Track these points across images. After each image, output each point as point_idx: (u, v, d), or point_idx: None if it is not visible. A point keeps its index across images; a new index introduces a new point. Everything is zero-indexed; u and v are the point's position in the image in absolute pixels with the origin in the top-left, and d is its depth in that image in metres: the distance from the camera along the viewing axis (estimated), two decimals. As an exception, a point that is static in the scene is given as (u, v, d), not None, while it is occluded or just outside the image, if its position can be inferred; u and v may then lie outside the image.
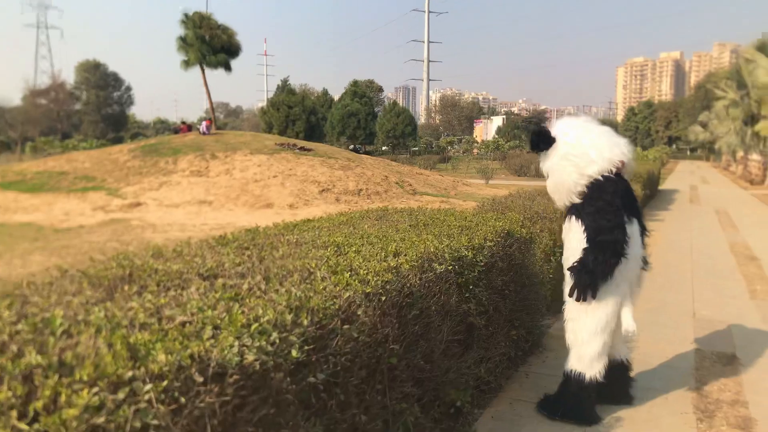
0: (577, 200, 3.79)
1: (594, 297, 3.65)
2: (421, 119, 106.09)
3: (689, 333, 5.75)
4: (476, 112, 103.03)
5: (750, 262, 9.45)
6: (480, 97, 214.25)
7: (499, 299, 4.16)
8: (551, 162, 3.90)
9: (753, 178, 30.22)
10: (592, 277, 3.61)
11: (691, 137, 67.35)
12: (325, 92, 77.25)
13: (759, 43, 25.61)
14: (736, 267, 9.11)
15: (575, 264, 3.71)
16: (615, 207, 3.65)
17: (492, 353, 4.14)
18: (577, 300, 3.70)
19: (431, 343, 3.14)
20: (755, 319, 6.28)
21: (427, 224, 4.24)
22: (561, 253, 6.35)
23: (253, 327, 1.95)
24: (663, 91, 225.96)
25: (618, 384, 4.05)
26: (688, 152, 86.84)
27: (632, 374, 4.18)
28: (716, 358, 5.03)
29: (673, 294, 7.19)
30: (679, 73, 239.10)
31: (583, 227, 3.70)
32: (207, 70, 34.80)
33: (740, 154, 35.85)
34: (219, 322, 1.97)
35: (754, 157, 29.82)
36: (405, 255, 3.05)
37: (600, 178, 3.73)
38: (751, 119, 25.79)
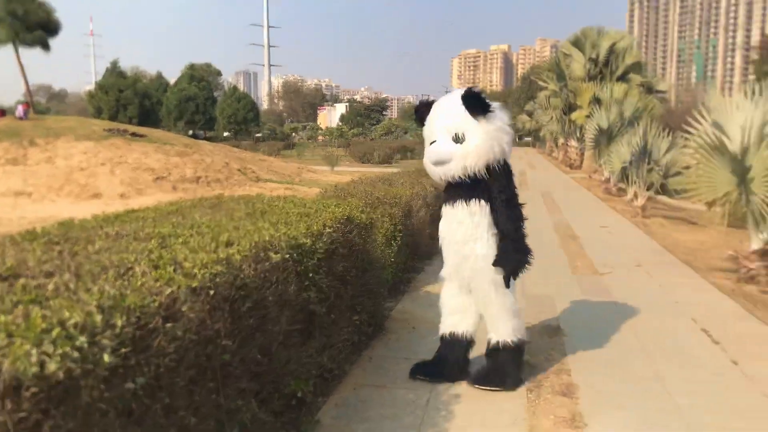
0: (484, 176, 3.86)
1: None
2: (264, 105, 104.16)
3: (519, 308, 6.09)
4: (319, 98, 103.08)
5: (571, 241, 10.28)
6: (323, 84, 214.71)
7: (341, 285, 4.11)
8: (483, 129, 3.80)
9: (572, 163, 33.02)
10: (525, 255, 3.93)
11: (520, 125, 72.23)
12: (159, 75, 73.23)
13: (575, 38, 27.92)
14: (559, 245, 9.85)
15: (508, 245, 3.88)
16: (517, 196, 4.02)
17: (335, 340, 4.09)
18: (515, 278, 4.02)
19: (269, 335, 3.01)
20: (576, 293, 6.80)
21: (264, 212, 4.08)
22: (401, 237, 6.50)
23: (55, 332, 1.71)
24: (494, 81, 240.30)
25: (462, 360, 4.20)
26: (518, 139, 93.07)
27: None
28: (543, 331, 5.37)
29: (505, 272, 7.61)
30: (508, 64, 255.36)
31: (493, 212, 3.89)
32: (22, 49, 31.59)
33: (561, 140, 39.03)
34: (14, 328, 1.71)
35: (573, 143, 32.61)
36: (238, 245, 2.89)
37: (509, 163, 4.01)
38: (569, 108, 28.10)
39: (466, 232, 3.92)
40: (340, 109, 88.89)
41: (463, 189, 3.91)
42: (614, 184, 18.14)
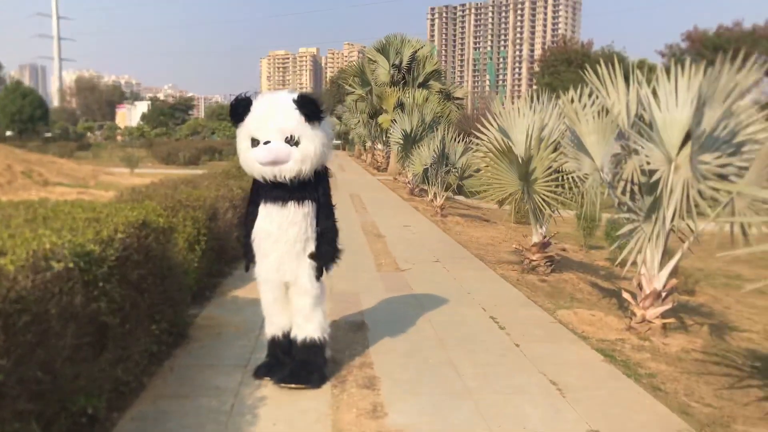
0: (311, 179, 4.05)
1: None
2: (55, 102, 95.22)
3: (327, 306, 6.22)
4: (118, 96, 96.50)
5: (377, 240, 10.69)
6: (122, 81, 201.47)
7: (137, 294, 3.91)
8: (317, 134, 3.97)
9: (379, 166, 34.33)
10: (338, 251, 4.25)
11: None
12: None
13: (379, 45, 29.03)
14: (366, 244, 10.21)
15: (328, 241, 4.16)
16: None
17: (131, 351, 3.88)
18: (327, 272, 4.22)
19: (52, 350, 2.78)
20: (380, 289, 7.10)
21: (47, 218, 3.75)
22: (206, 242, 6.32)
23: None
24: (304, 83, 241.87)
25: (284, 359, 4.29)
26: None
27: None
28: (348, 327, 5.54)
29: (313, 272, 7.71)
30: (317, 67, 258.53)
31: (316, 212, 4.12)
32: None
33: (369, 144, 40.37)
34: None
35: (379, 146, 33.91)
36: (12, 254, 2.63)
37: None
38: (375, 113, 29.13)
39: (299, 231, 4.05)
40: (142, 107, 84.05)
41: (293, 190, 4.01)
42: (416, 186, 19.17)
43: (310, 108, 3.93)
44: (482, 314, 6.16)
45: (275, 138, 3.89)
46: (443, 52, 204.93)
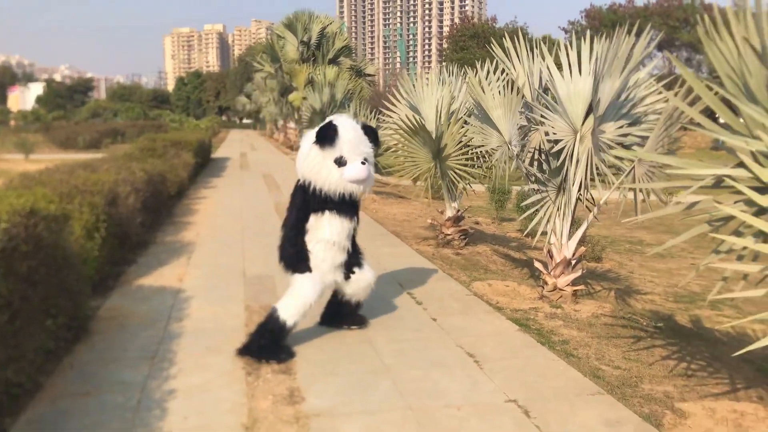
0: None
1: None
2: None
3: (240, 291, 6.03)
4: (9, 78, 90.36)
5: (291, 219, 10.47)
6: (13, 61, 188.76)
7: (27, 287, 3.61)
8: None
9: (292, 145, 33.82)
10: None
11: (239, 107, 71.72)
12: None
13: (288, 21, 28.39)
14: (279, 225, 9.97)
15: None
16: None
17: (23, 350, 3.58)
18: None
19: (-76, 356, 2.49)
20: (295, 270, 6.94)
21: None
22: (106, 228, 5.96)
23: None
24: (210, 62, 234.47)
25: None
26: (238, 121, 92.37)
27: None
28: (264, 311, 5.31)
29: (227, 257, 7.46)
30: (224, 45, 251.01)
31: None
32: None
33: (281, 122, 39.70)
34: None
35: (292, 125, 33.38)
36: None
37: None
38: (286, 90, 28.59)
39: (349, 236, 4.61)
40: (36, 89, 79.11)
41: (353, 205, 4.56)
42: (331, 164, 18.93)
43: (374, 135, 4.58)
44: (399, 290, 6.14)
45: (359, 159, 4.38)
46: (353, 28, 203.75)
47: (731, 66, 3.23)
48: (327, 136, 4.33)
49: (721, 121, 3.76)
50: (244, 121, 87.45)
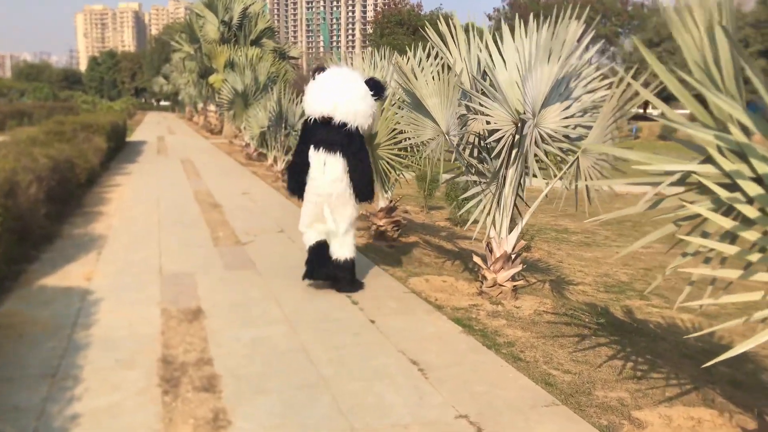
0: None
1: None
2: None
3: (156, 292, 5.48)
4: None
5: (213, 209, 9.87)
6: None
7: None
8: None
9: (213, 128, 32.58)
10: None
11: (156, 88, 68.73)
12: None
13: (208, 0, 27.19)
14: (200, 215, 9.35)
15: None
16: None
17: None
18: None
19: None
20: (218, 266, 6.43)
21: None
22: (2, 222, 5.27)
23: None
24: (126, 41, 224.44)
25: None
26: (155, 103, 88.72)
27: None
28: (182, 316, 4.85)
29: (140, 251, 6.83)
30: (140, 24, 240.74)
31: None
32: None
33: (201, 105, 38.20)
34: None
35: (212, 108, 32.13)
36: None
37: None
38: (206, 72, 27.42)
39: None
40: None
41: None
42: (255, 150, 18.25)
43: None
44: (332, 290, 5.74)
45: None
46: (275, 11, 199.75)
47: (702, 54, 3.00)
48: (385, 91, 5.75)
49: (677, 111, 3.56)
50: (162, 103, 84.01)
